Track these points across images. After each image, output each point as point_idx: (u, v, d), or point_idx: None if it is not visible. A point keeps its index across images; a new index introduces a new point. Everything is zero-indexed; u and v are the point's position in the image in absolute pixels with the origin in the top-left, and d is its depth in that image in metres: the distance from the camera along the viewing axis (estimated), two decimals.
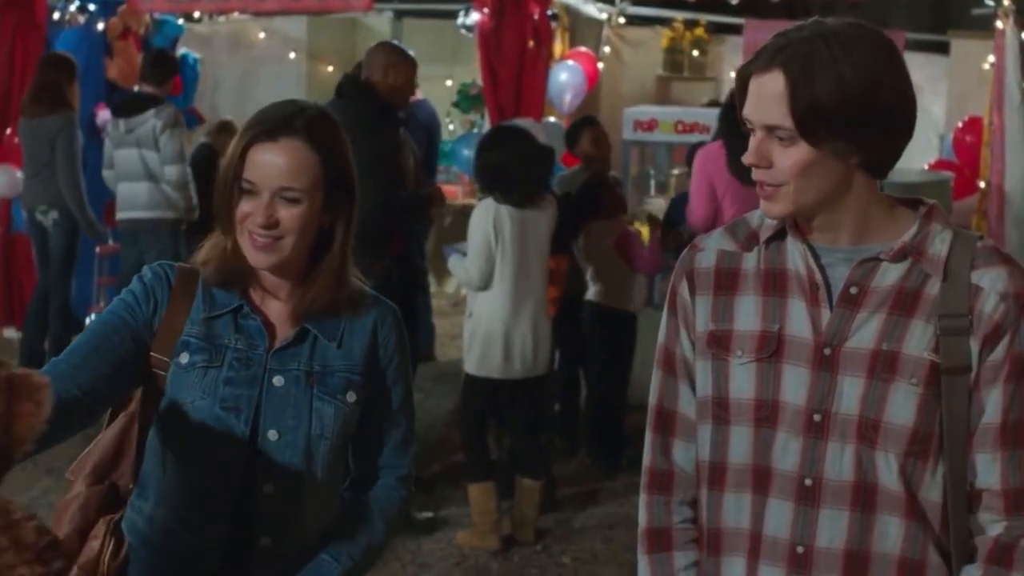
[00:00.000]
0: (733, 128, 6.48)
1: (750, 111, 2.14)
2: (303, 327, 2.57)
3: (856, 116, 2.06)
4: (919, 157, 11.13)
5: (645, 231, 8.16)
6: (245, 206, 2.50)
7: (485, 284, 5.91)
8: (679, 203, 7.99)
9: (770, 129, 2.12)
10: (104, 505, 2.65)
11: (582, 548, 6.12)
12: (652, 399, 2.40)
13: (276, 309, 2.61)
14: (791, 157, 2.11)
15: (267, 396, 2.53)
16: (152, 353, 2.56)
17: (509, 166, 5.91)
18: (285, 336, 2.57)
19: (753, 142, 2.16)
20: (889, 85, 2.08)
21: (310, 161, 2.50)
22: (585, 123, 7.80)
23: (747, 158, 2.17)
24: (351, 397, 2.60)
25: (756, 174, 2.16)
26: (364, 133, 5.91)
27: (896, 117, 2.10)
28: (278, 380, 2.54)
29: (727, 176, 6.14)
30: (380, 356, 2.65)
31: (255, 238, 2.50)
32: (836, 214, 2.17)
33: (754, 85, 2.13)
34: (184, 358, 2.54)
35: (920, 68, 11.73)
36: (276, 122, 2.50)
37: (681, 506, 2.37)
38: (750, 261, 2.27)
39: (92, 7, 10.87)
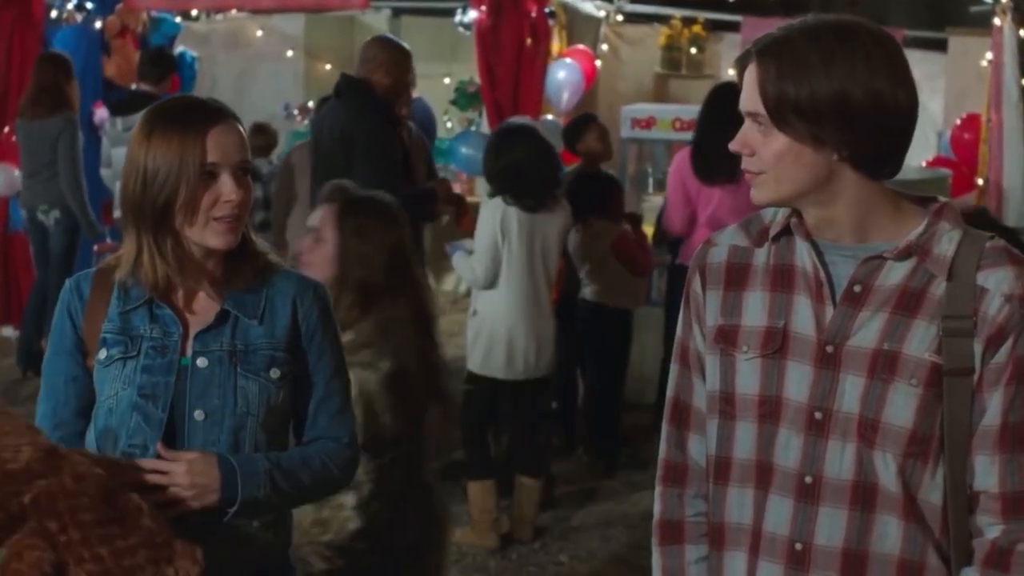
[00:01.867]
0: (700, 126, 6.61)
1: (740, 100, 2.17)
2: (223, 309, 2.63)
3: (827, 113, 2.06)
4: (917, 154, 11.11)
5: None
6: (210, 193, 2.55)
7: (490, 283, 5.91)
8: None
9: (752, 116, 2.14)
10: None
11: (580, 546, 6.12)
12: (669, 392, 2.42)
13: (200, 294, 2.66)
14: (769, 145, 2.13)
15: (191, 378, 2.60)
16: (87, 362, 2.66)
17: (522, 170, 5.89)
18: (206, 319, 2.63)
19: (741, 130, 2.18)
20: (868, 87, 2.05)
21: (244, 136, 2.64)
22: (587, 120, 7.77)
23: (732, 145, 2.20)
24: (275, 373, 2.65)
25: (743, 162, 2.19)
26: (365, 132, 5.91)
27: (876, 118, 2.07)
28: (201, 361, 2.61)
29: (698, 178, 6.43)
30: (303, 331, 2.71)
31: (226, 221, 2.57)
32: (830, 209, 2.17)
33: (745, 76, 2.15)
34: (103, 354, 2.63)
35: (918, 65, 11.62)
36: (210, 109, 2.60)
37: (695, 499, 2.38)
38: (760, 257, 2.27)
39: (89, 5, 10.85)
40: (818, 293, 2.18)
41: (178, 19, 12.12)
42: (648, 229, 8.09)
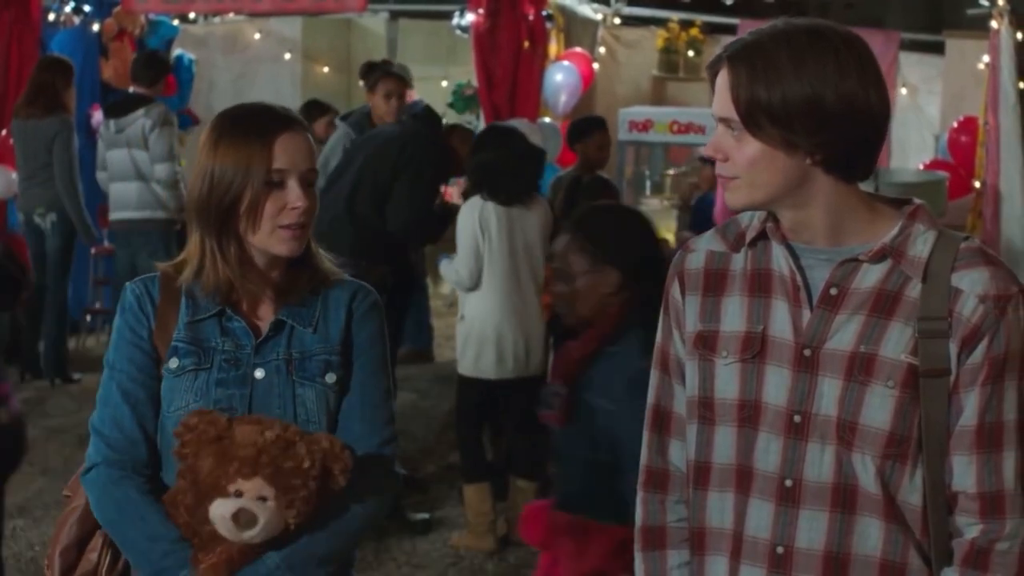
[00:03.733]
0: None
1: (713, 105, 2.18)
2: (279, 319, 2.63)
3: (798, 118, 2.07)
4: (914, 157, 11.12)
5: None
6: (276, 200, 2.55)
7: (475, 283, 5.93)
8: (702, 207, 8.03)
9: (724, 122, 2.14)
10: None
11: None
12: (649, 399, 2.42)
13: (262, 302, 2.65)
14: (742, 150, 2.13)
15: (253, 390, 2.59)
16: (158, 368, 2.64)
17: (498, 166, 5.94)
18: (264, 330, 2.63)
19: (713, 135, 2.18)
20: (840, 89, 2.06)
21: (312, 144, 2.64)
22: (595, 125, 7.75)
23: (706, 151, 2.21)
24: (330, 378, 2.64)
25: (716, 167, 2.19)
26: (422, 154, 6.16)
27: (848, 120, 2.08)
28: (259, 373, 2.60)
29: None
30: (354, 332, 2.69)
31: (292, 228, 2.57)
32: (804, 213, 2.17)
33: (717, 81, 2.16)
34: (173, 363, 2.60)
35: (915, 68, 11.76)
36: (280, 115, 2.61)
37: (676, 505, 2.38)
38: (738, 262, 2.28)
39: (87, 8, 10.87)
40: (795, 297, 2.19)
41: (176, 22, 12.11)
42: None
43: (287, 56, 13.36)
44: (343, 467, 2.48)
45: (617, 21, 12.90)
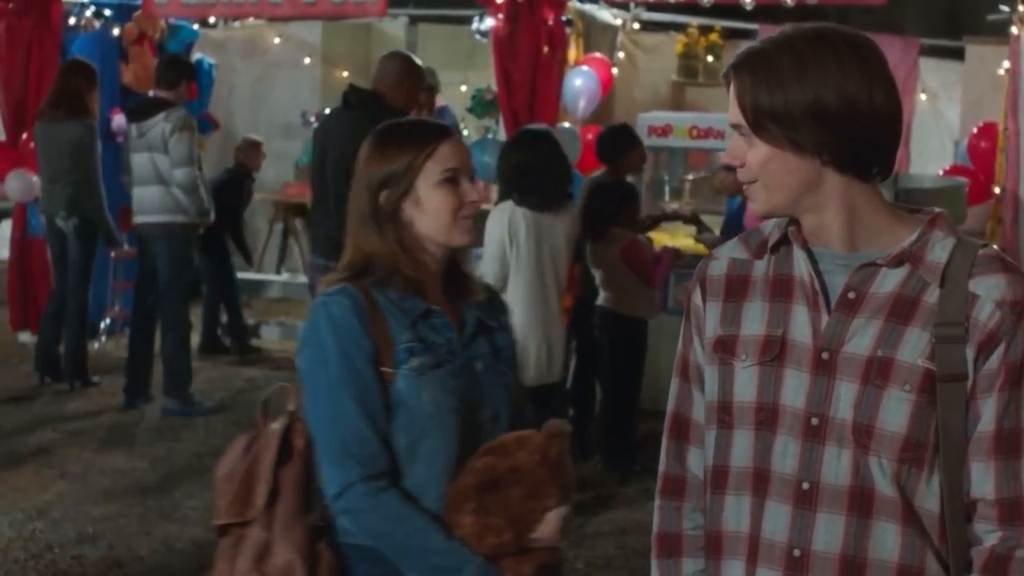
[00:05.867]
0: None
1: (728, 114, 2.20)
2: (478, 317, 2.87)
3: (801, 119, 2.10)
4: (934, 162, 11.11)
5: (667, 238, 8.18)
6: (455, 195, 2.80)
7: (499, 288, 5.91)
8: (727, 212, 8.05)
9: (736, 128, 2.18)
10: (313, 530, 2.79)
11: (595, 553, 6.12)
12: (669, 406, 2.43)
13: (440, 300, 2.84)
14: (755, 154, 2.16)
15: (480, 382, 2.83)
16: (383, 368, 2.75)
17: (533, 168, 5.93)
18: (467, 328, 2.85)
19: (730, 143, 2.22)
20: (842, 91, 2.08)
21: None
22: (631, 135, 7.76)
23: (724, 158, 2.28)
24: (516, 370, 2.99)
25: (737, 174, 2.23)
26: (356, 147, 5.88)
27: (852, 121, 2.10)
28: (479, 365, 2.84)
29: None
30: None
31: (467, 221, 2.82)
32: (822, 215, 2.19)
33: (730, 91, 2.19)
34: (415, 362, 2.74)
35: (935, 73, 11.74)
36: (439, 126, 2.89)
37: (693, 512, 2.39)
38: (760, 268, 2.30)
39: (108, 12, 10.92)
40: (814, 301, 2.20)
41: (196, 26, 12.16)
42: (660, 237, 8.07)
43: (307, 61, 13.39)
44: None
45: (636, 26, 12.91)
